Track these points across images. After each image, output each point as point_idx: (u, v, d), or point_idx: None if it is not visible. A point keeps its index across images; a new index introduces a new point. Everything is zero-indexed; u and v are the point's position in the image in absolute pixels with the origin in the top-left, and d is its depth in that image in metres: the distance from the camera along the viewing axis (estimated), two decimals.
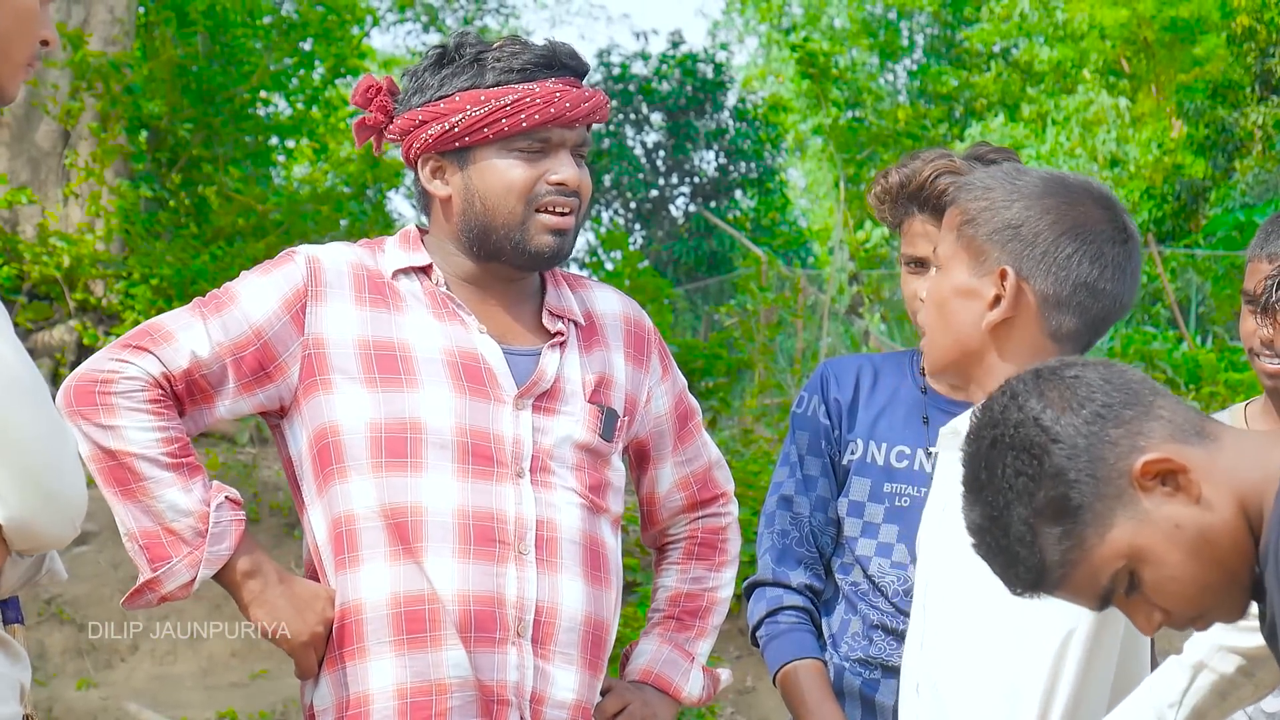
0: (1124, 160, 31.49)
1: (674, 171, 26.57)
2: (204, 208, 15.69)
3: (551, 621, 3.38)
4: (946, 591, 3.06)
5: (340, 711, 3.37)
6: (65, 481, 2.53)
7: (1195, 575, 2.36)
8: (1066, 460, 2.35)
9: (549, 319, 3.56)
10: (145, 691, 8.88)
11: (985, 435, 2.43)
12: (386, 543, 3.35)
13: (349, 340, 3.41)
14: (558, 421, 3.47)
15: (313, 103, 17.40)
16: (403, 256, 3.53)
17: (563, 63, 3.50)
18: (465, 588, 3.33)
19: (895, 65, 38.94)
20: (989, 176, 3.12)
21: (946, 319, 3.07)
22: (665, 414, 3.70)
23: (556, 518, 3.43)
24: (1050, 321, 3.05)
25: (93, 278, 13.74)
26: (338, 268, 3.48)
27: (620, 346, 3.65)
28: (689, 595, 3.71)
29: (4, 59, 2.69)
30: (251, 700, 8.81)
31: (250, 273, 3.50)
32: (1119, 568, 2.37)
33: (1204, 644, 2.74)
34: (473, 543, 3.34)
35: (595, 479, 3.50)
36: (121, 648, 9.27)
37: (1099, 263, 3.03)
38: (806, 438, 3.91)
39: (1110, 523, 2.35)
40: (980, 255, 3.03)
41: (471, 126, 3.42)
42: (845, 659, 3.75)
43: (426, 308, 3.48)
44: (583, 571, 3.44)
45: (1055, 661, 2.92)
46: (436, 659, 3.31)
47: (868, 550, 3.78)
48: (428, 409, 3.37)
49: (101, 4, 15.31)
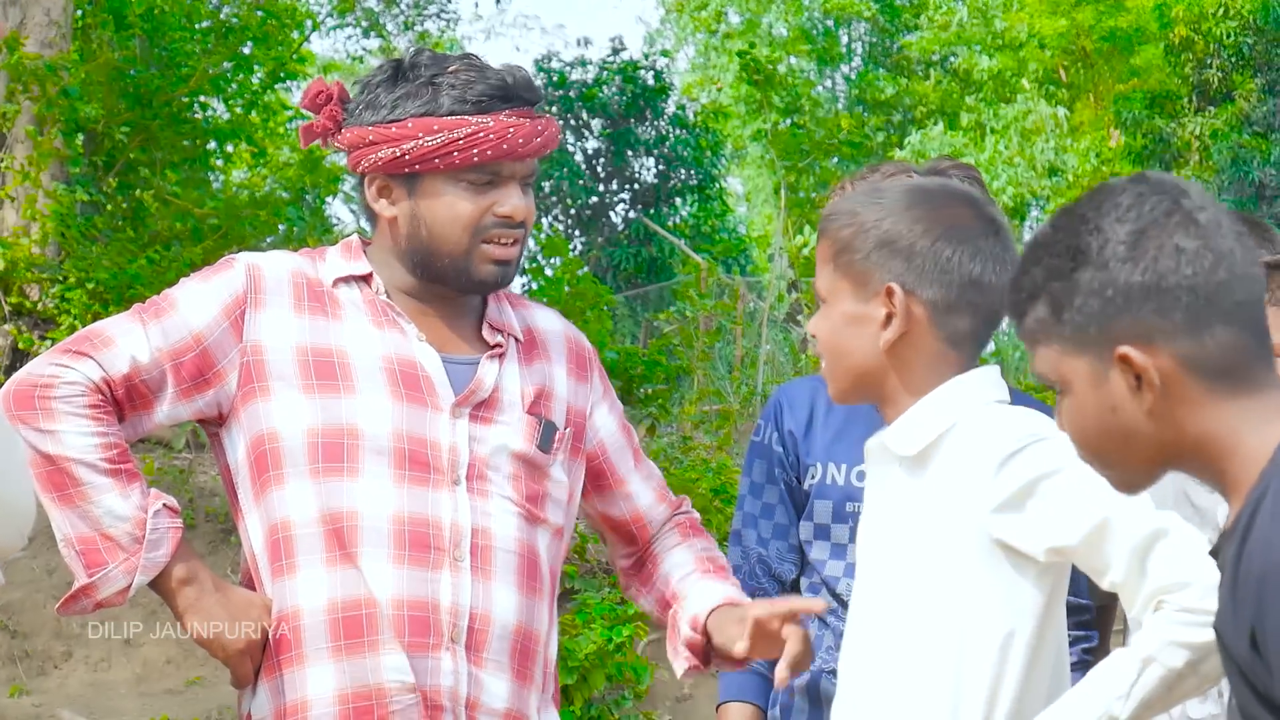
0: (1063, 169, 31.65)
1: (614, 178, 26.57)
2: (141, 212, 15.63)
3: (485, 629, 3.37)
4: (885, 600, 3.07)
5: (280, 718, 3.35)
6: (12, 491, 2.52)
7: (1098, 444, 2.40)
8: (1088, 287, 2.35)
9: (489, 332, 3.57)
10: (79, 698, 8.86)
11: (1069, 205, 2.44)
12: (324, 548, 3.34)
13: (288, 347, 3.41)
14: (494, 431, 3.47)
15: (251, 107, 17.38)
16: (344, 265, 3.54)
17: (519, 94, 3.50)
18: (400, 593, 3.32)
19: (834, 73, 39.07)
20: (848, 202, 3.16)
21: (841, 350, 3.10)
22: (615, 432, 3.71)
23: (492, 526, 3.42)
24: (944, 328, 3.08)
25: (28, 282, 13.68)
26: (277, 275, 3.48)
27: (562, 361, 3.66)
28: (710, 557, 3.70)
29: None
30: (187, 707, 8.80)
31: (190, 279, 3.49)
32: (1055, 380, 2.41)
33: (1153, 639, 2.76)
34: (408, 548, 3.34)
35: (533, 490, 3.49)
36: (55, 654, 9.25)
37: (979, 258, 3.07)
38: (763, 467, 3.93)
39: (1075, 353, 2.37)
40: (862, 280, 3.07)
41: (423, 156, 3.42)
42: (821, 670, 3.76)
43: (366, 316, 3.48)
44: (517, 580, 3.43)
45: (999, 661, 2.95)
46: (375, 664, 3.30)
47: (836, 571, 3.79)
48: (365, 415, 3.36)
49: (38, 6, 15.26)
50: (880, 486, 3.14)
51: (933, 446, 3.03)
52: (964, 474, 2.98)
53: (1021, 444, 2.93)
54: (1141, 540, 2.82)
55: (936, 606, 2.99)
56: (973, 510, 2.95)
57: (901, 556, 3.05)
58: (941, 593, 2.98)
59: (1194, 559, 2.80)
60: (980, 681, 2.94)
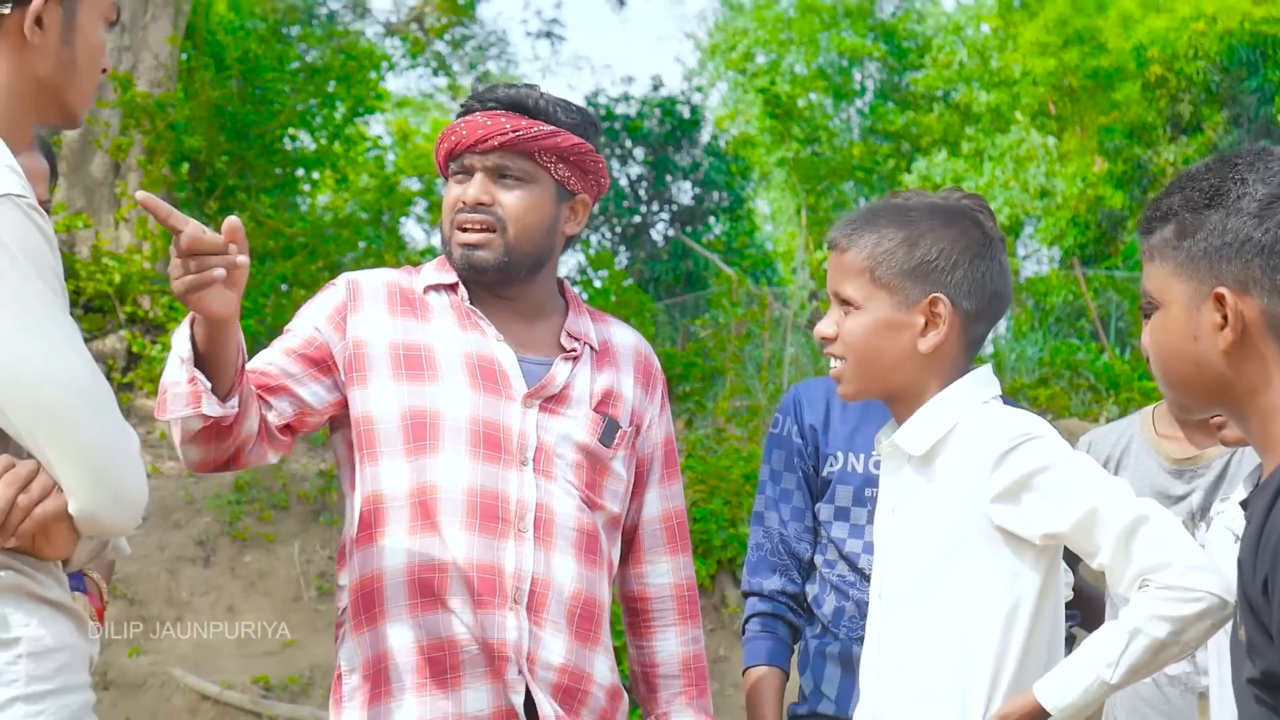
0: (1052, 192, 31.50)
1: (654, 200, 26.54)
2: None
3: (544, 593, 3.39)
4: (903, 581, 3.08)
5: (366, 669, 3.39)
6: (128, 480, 2.54)
7: (1171, 363, 2.46)
8: (1214, 226, 2.39)
9: (566, 339, 3.60)
10: (188, 659, 8.89)
11: (1227, 154, 2.47)
12: (408, 518, 3.38)
13: (382, 343, 3.46)
14: (561, 422, 3.50)
15: (334, 138, 17.40)
16: (434, 275, 3.60)
17: (495, 97, 3.56)
18: (470, 557, 3.35)
19: (848, 106, 38.92)
20: (878, 217, 3.14)
21: (874, 351, 3.09)
22: (659, 443, 3.71)
23: (554, 504, 3.44)
24: (968, 334, 3.10)
25: (140, 293, 13.73)
26: (374, 286, 3.55)
27: (631, 371, 3.67)
28: (695, 657, 3.69)
29: (78, 87, 2.71)
30: (282, 667, 8.82)
31: (302, 309, 3.56)
32: (1156, 295, 2.46)
33: (1139, 613, 2.79)
34: (479, 518, 3.37)
35: (593, 479, 3.51)
36: (167, 619, 9.26)
37: (1001, 274, 3.12)
38: (782, 456, 3.93)
39: (1181, 277, 2.42)
40: (898, 290, 3.06)
41: (437, 153, 3.61)
42: (849, 638, 3.76)
43: (451, 318, 3.53)
44: (576, 553, 3.45)
45: (1004, 632, 2.96)
46: (446, 620, 3.33)
47: (855, 548, 3.79)
48: (446, 401, 3.40)
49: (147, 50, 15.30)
50: (894, 481, 3.16)
51: (938, 445, 3.05)
52: (966, 469, 3.00)
53: (1015, 442, 2.95)
54: (1126, 526, 2.84)
55: (948, 585, 3.00)
56: (975, 501, 2.98)
57: (916, 543, 3.06)
58: (952, 573, 3.00)
59: (1173, 542, 2.83)
60: (988, 649, 2.96)
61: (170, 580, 9.50)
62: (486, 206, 3.50)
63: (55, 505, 2.50)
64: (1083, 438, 4.19)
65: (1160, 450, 3.99)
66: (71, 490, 2.50)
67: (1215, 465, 3.92)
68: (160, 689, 8.55)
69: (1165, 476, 3.94)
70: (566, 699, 3.40)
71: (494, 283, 3.55)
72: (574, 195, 3.60)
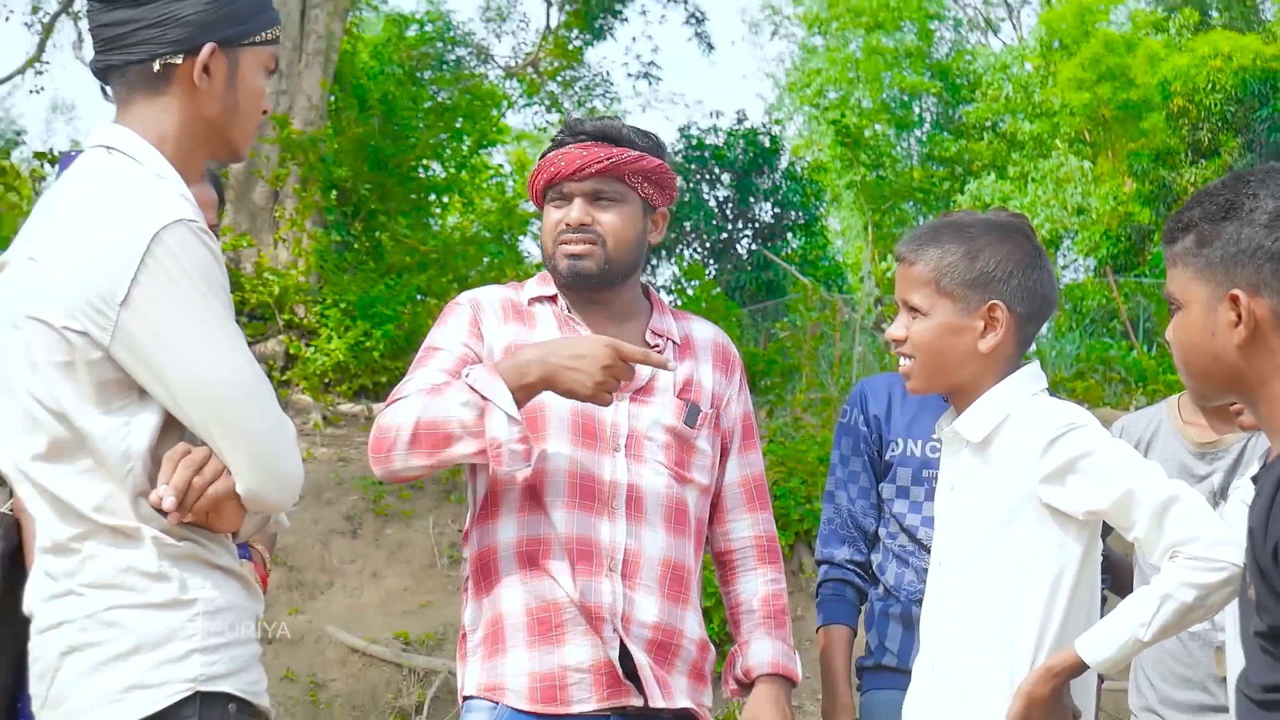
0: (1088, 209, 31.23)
1: (739, 219, 26.49)
2: (379, 249, 15.79)
3: (636, 561, 3.39)
4: (962, 552, 3.08)
5: (485, 628, 3.40)
6: (286, 464, 2.56)
7: (1191, 356, 2.46)
8: (1230, 236, 2.40)
9: (651, 336, 3.60)
10: (339, 618, 8.94)
11: (1240, 172, 2.48)
12: (519, 499, 3.39)
13: (500, 347, 3.47)
14: (649, 410, 3.49)
15: (461, 168, 17.47)
16: (537, 289, 3.61)
17: (584, 130, 3.57)
18: (571, 531, 3.36)
19: (909, 136, 38.72)
20: (940, 233, 3.13)
21: (940, 350, 3.08)
22: (738, 418, 3.69)
23: (643, 483, 3.44)
24: (1021, 334, 3.10)
25: (296, 302, 13.85)
26: (490, 301, 3.57)
27: (709, 360, 3.66)
28: (774, 595, 3.65)
29: (241, 127, 2.73)
30: (420, 624, 8.85)
31: (433, 330, 3.55)
32: (1179, 297, 2.46)
33: (1169, 580, 2.79)
34: (578, 497, 3.37)
35: (681, 456, 3.51)
36: (321, 584, 9.33)
37: (1049, 281, 3.11)
38: (850, 442, 3.93)
39: (1200, 281, 2.42)
40: (960, 298, 3.06)
41: (532, 185, 3.60)
42: (909, 600, 3.75)
43: (553, 325, 3.54)
44: (665, 525, 3.45)
45: (1050, 594, 2.96)
46: (551, 585, 3.34)
47: (914, 521, 3.79)
48: (550, 396, 3.37)
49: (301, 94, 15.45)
50: (953, 463, 3.15)
51: (994, 433, 3.04)
52: (1018, 454, 2.99)
53: (1061, 430, 2.94)
54: (1159, 504, 2.84)
55: (1001, 554, 2.99)
56: (1026, 481, 2.97)
57: (973, 517, 3.05)
58: (1005, 544, 2.99)
59: (1200, 519, 2.82)
60: (1035, 609, 2.95)
61: (323, 550, 9.57)
62: (588, 226, 3.51)
63: (225, 486, 2.53)
64: (1115, 423, 4.15)
65: (1184, 435, 3.95)
66: (238, 473, 2.53)
67: (1233, 449, 3.88)
68: (315, 643, 8.61)
69: (1190, 458, 3.90)
70: (660, 652, 3.40)
71: (593, 288, 3.55)
72: (655, 209, 3.61)
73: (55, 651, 2.52)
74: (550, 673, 3.32)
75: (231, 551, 2.64)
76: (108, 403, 2.49)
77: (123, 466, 2.49)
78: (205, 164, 2.92)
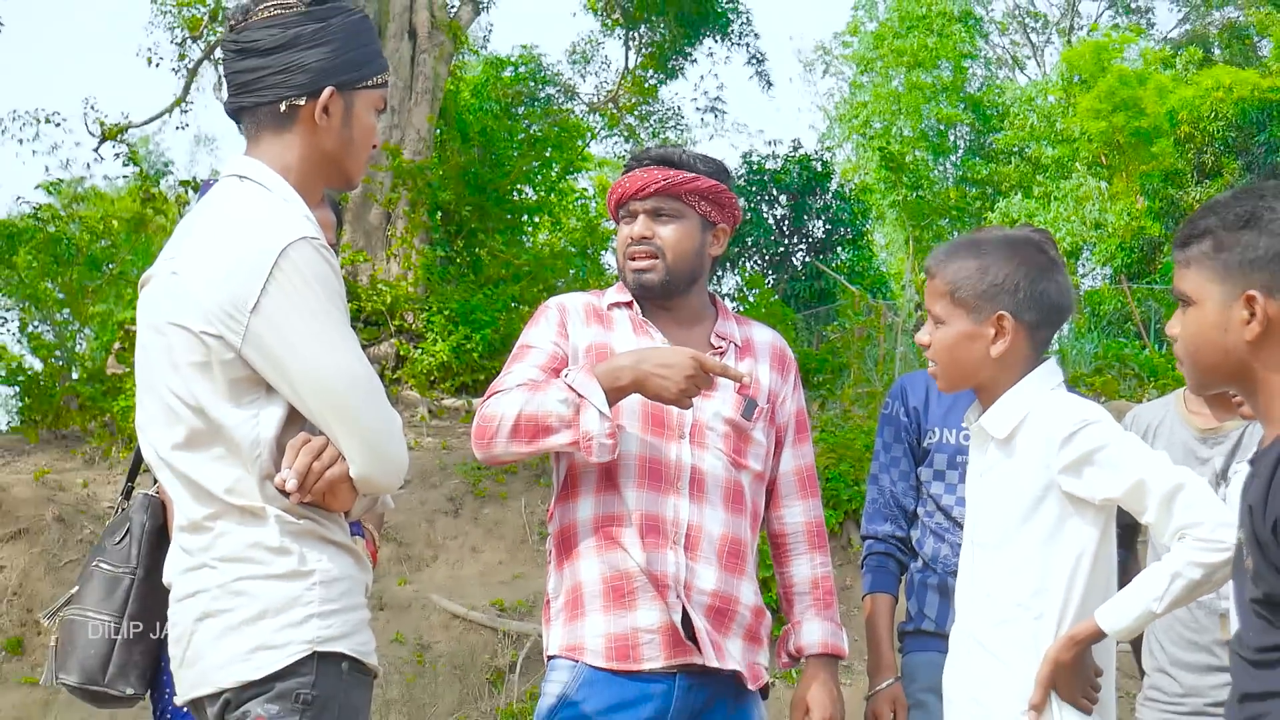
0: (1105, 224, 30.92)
1: (794, 234, 26.41)
2: (478, 263, 15.85)
3: (698, 536, 3.38)
4: (991, 535, 3.05)
5: (566, 595, 3.41)
6: (394, 451, 2.57)
7: (1200, 349, 2.43)
8: (1249, 242, 2.38)
9: (715, 339, 3.59)
10: (443, 587, 8.97)
11: (1254, 185, 2.46)
12: (595, 479, 3.39)
13: (582, 346, 3.48)
14: (711, 403, 3.48)
15: (550, 191, 17.53)
16: (615, 296, 3.61)
17: (649, 156, 3.58)
18: (641, 508, 3.35)
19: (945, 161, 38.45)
20: (957, 250, 3.10)
21: (957, 356, 3.06)
22: (792, 413, 3.67)
23: (705, 467, 3.43)
24: (1033, 339, 3.05)
25: (405, 310, 13.93)
26: (575, 305, 3.57)
27: (767, 360, 3.65)
28: (823, 578, 3.63)
29: (354, 159, 2.75)
30: (514, 593, 8.86)
31: (527, 329, 3.55)
32: (1190, 294, 2.43)
33: (1179, 560, 2.77)
34: (648, 478, 3.37)
35: (738, 445, 3.49)
36: (426, 558, 9.36)
37: (1060, 291, 3.06)
38: (892, 431, 3.90)
39: (1216, 281, 2.40)
40: (973, 309, 3.03)
41: (609, 206, 3.62)
42: (944, 572, 3.74)
43: (629, 327, 3.54)
44: (724, 504, 3.43)
45: (1071, 572, 2.93)
46: (623, 557, 3.34)
47: (950, 502, 3.77)
48: None
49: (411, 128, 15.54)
50: (981, 454, 3.12)
51: (1017, 428, 3.01)
52: (1038, 447, 2.96)
53: (1077, 426, 2.91)
54: (1168, 491, 2.82)
55: (1027, 535, 2.96)
56: (1047, 472, 2.94)
57: (1000, 503, 3.03)
58: (1030, 526, 2.97)
59: (1205, 504, 2.80)
60: (1060, 584, 2.93)
61: (428, 527, 9.61)
62: (649, 239, 3.51)
63: (340, 470, 2.54)
64: (1129, 413, 4.12)
65: (1190, 422, 3.91)
66: (352, 459, 2.54)
67: (1233, 435, 3.84)
68: (421, 610, 8.64)
69: (1194, 442, 3.87)
70: (718, 617, 3.38)
71: (659, 297, 3.55)
72: (715, 225, 3.59)
73: (190, 617, 2.55)
74: (624, 634, 3.32)
75: (345, 529, 2.65)
76: (239, 397, 2.51)
77: (251, 453, 2.51)
78: (325, 191, 2.94)
